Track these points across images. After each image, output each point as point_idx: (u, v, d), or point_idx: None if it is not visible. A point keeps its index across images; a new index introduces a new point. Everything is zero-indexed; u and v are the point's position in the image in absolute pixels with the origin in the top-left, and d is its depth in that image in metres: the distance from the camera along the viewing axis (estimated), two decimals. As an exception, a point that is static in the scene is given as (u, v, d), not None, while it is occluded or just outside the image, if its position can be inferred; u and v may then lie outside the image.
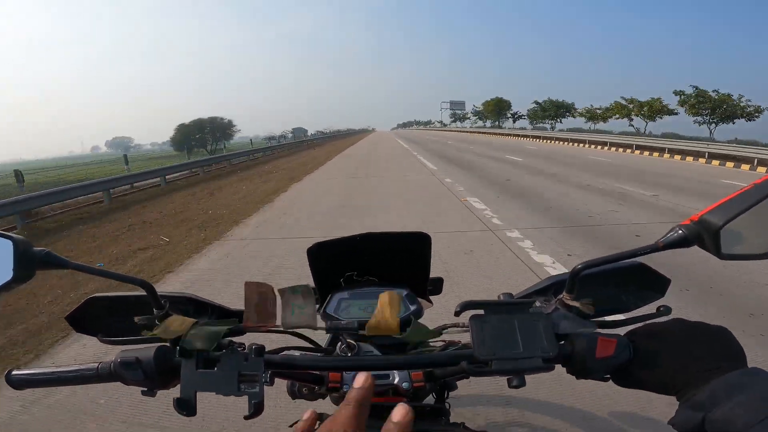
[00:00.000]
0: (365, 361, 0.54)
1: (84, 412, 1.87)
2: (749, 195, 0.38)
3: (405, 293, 0.65)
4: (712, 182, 8.61)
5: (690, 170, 10.99)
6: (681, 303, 2.63)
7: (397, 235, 0.63)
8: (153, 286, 0.47)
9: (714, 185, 8.16)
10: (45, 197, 7.32)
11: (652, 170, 10.67)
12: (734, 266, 3.13)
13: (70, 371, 0.48)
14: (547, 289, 0.53)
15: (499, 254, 3.80)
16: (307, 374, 0.59)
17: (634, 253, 0.42)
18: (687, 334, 0.43)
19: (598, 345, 0.42)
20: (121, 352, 0.47)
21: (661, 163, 13.00)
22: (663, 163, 13.01)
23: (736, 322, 2.36)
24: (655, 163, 13.23)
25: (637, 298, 0.56)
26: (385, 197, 7.09)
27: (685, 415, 0.37)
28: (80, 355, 2.40)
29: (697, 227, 0.39)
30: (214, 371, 0.44)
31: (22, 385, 0.48)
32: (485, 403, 1.76)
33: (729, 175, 10.08)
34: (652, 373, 0.42)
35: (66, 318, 0.56)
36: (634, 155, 16.54)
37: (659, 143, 16.83)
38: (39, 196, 7.19)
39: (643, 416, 1.67)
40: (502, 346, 0.42)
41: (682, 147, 15.05)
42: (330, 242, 0.62)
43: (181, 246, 4.71)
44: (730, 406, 0.34)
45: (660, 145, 16.43)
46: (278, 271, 3.58)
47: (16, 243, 0.42)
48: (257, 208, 6.69)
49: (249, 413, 0.43)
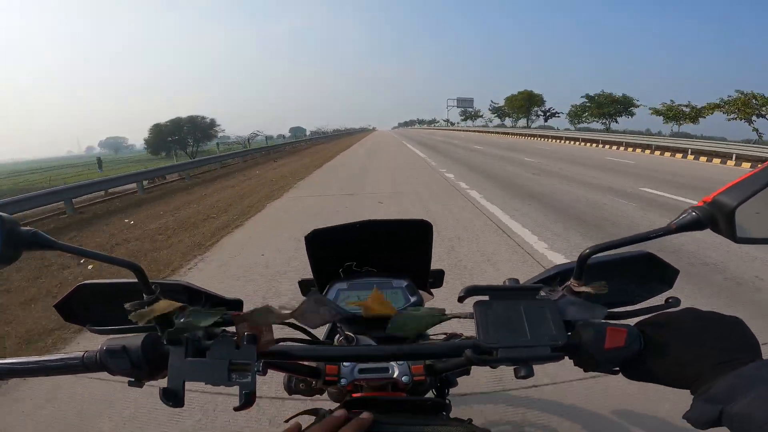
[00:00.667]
0: (363, 351, 0.52)
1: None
2: (764, 175, 0.36)
3: (405, 284, 0.63)
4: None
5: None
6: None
7: (398, 223, 0.61)
8: (143, 270, 0.45)
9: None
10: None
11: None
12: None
13: (55, 360, 0.46)
14: (552, 278, 0.51)
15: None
16: (302, 366, 0.57)
17: (646, 236, 0.40)
18: (700, 325, 0.41)
19: (608, 335, 0.40)
20: (108, 339, 0.45)
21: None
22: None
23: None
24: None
25: (645, 289, 0.54)
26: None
27: (701, 409, 0.36)
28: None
29: (711, 209, 0.38)
30: (204, 360, 0.42)
31: (4, 374, 0.46)
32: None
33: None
34: (664, 364, 0.40)
35: (55, 306, 0.54)
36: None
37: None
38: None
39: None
40: (508, 334, 0.40)
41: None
42: (328, 229, 0.60)
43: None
44: (748, 399, 0.33)
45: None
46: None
47: (3, 222, 0.40)
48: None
49: (239, 404, 0.41)
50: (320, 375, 0.57)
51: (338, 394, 0.66)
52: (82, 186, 8.54)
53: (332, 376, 0.57)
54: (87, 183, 8.98)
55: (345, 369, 0.57)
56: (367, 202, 6.36)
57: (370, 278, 0.63)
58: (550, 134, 29.38)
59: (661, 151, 16.86)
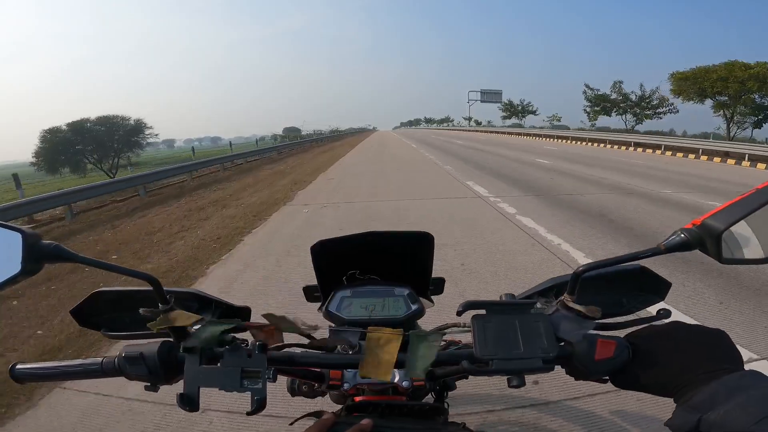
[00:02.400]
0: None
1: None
2: (751, 200, 0.38)
3: (407, 293, 0.65)
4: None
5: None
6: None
7: (401, 234, 0.63)
8: (158, 281, 0.47)
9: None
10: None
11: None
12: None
13: (75, 365, 0.48)
14: (548, 290, 0.53)
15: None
16: (309, 371, 0.59)
17: (635, 256, 0.42)
18: (685, 337, 0.43)
19: (598, 347, 0.42)
20: (125, 347, 0.47)
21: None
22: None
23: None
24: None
25: (638, 301, 0.57)
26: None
27: (681, 416, 0.38)
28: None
29: (700, 231, 0.40)
30: (218, 367, 0.44)
31: (25, 378, 0.48)
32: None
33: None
34: (650, 374, 0.43)
35: (71, 312, 0.57)
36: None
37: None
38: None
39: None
40: (502, 346, 0.43)
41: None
42: (333, 240, 0.62)
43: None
44: (726, 408, 0.35)
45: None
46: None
47: (26, 236, 0.42)
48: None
49: (252, 409, 0.43)
50: (324, 379, 0.60)
51: (340, 396, 0.68)
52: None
53: (336, 381, 0.59)
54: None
55: (348, 374, 0.59)
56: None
57: (372, 286, 0.65)
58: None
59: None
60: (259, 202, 6.93)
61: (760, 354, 2.07)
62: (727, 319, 2.47)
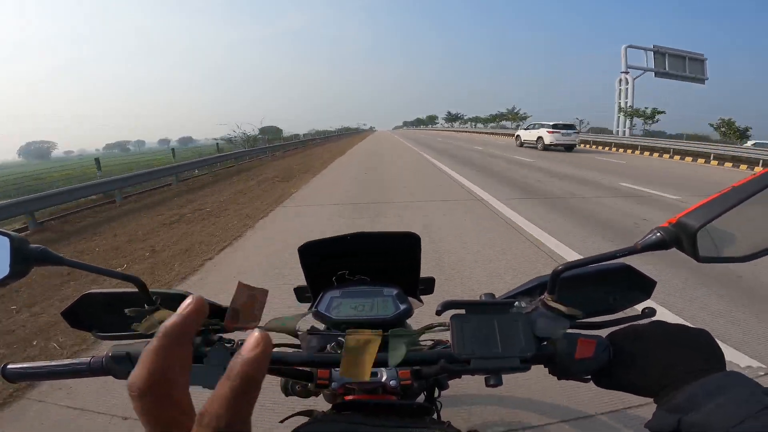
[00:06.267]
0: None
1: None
2: (727, 198, 0.37)
3: (395, 292, 0.66)
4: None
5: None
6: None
7: (386, 235, 0.64)
8: (144, 283, 0.48)
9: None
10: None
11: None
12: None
13: (63, 365, 0.49)
14: (532, 290, 0.53)
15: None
16: (297, 371, 0.60)
17: (612, 255, 0.42)
18: (667, 337, 0.43)
19: (578, 346, 0.43)
20: (113, 346, 0.48)
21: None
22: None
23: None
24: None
25: (623, 299, 0.57)
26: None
27: (661, 418, 0.37)
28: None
29: (675, 230, 0.39)
30: (202, 366, 0.45)
31: (16, 378, 0.49)
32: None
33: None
34: (632, 374, 0.42)
35: (61, 313, 0.57)
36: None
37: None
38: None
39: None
40: (481, 346, 0.43)
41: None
42: (320, 241, 0.63)
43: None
44: (706, 409, 0.34)
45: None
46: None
47: (13, 240, 0.43)
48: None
49: None
50: (312, 379, 0.60)
51: (331, 395, 0.68)
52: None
53: (323, 380, 0.60)
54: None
55: (335, 373, 0.60)
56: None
57: (361, 286, 0.66)
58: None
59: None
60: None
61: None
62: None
